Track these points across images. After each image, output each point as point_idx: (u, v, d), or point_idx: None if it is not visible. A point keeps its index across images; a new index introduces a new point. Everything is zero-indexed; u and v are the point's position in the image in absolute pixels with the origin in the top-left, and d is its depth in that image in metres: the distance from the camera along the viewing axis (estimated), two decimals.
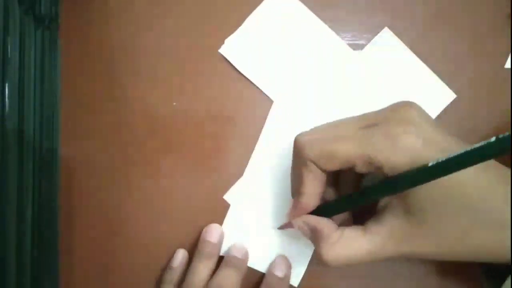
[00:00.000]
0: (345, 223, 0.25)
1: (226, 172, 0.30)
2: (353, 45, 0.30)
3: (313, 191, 0.24)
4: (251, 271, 0.30)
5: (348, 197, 0.24)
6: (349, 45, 0.30)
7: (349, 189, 0.26)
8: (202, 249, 0.29)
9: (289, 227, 0.27)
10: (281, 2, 0.30)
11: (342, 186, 0.26)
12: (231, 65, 0.30)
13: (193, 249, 0.30)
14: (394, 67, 0.30)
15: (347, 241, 0.23)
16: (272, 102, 0.30)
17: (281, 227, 0.29)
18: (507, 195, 0.20)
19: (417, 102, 0.22)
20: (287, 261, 0.29)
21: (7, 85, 0.23)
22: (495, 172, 0.21)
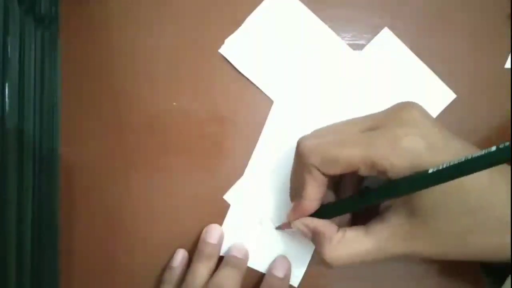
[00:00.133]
0: (344, 224, 0.25)
1: (226, 172, 0.30)
2: (353, 45, 0.30)
3: (314, 196, 0.24)
4: (251, 271, 0.30)
5: (348, 199, 0.24)
6: (349, 45, 0.30)
7: (350, 192, 0.26)
8: (202, 249, 0.29)
9: (287, 227, 0.27)
10: (281, 2, 0.30)
11: (342, 188, 0.26)
12: (231, 65, 0.30)
13: (193, 249, 0.30)
14: (394, 67, 0.30)
15: (350, 242, 0.23)
16: (272, 102, 0.30)
17: (279, 227, 0.29)
18: (507, 195, 0.20)
19: (417, 102, 0.22)
20: (287, 261, 0.29)
21: (7, 85, 0.23)
22: (496, 172, 0.21)
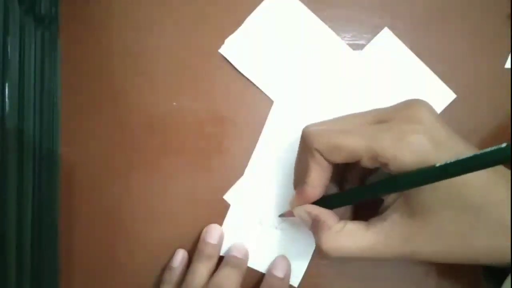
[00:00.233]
0: (346, 218, 0.25)
1: (226, 172, 0.30)
2: (353, 45, 0.30)
3: (318, 182, 0.23)
4: (251, 271, 0.30)
5: (351, 190, 0.24)
6: (349, 45, 0.30)
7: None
8: (202, 250, 0.29)
9: (290, 215, 0.27)
10: (281, 2, 0.30)
11: (346, 186, 0.26)
12: (231, 65, 0.30)
13: (193, 249, 0.30)
14: (394, 67, 0.30)
15: (349, 234, 0.23)
16: (272, 102, 0.30)
17: (282, 214, 0.29)
18: (508, 195, 0.20)
19: None
20: (287, 261, 0.29)
21: (7, 85, 0.23)
22: (497, 172, 0.21)
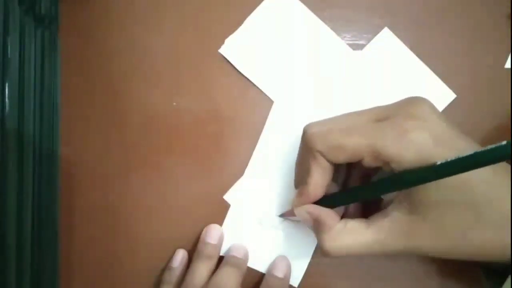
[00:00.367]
0: (347, 217, 0.25)
1: (226, 172, 0.30)
2: (353, 45, 0.30)
3: (320, 182, 0.23)
4: (251, 271, 0.30)
5: (352, 189, 0.24)
6: (349, 45, 0.30)
7: None
8: (202, 250, 0.29)
9: (291, 215, 0.27)
10: (281, 2, 0.30)
11: (348, 185, 0.26)
12: (231, 65, 0.30)
13: (193, 249, 0.30)
14: (394, 67, 0.30)
15: (351, 232, 0.23)
16: (272, 102, 0.30)
17: (282, 214, 0.29)
18: (509, 191, 0.20)
19: None
20: (287, 261, 0.29)
21: (7, 85, 0.23)
22: (499, 168, 0.21)
